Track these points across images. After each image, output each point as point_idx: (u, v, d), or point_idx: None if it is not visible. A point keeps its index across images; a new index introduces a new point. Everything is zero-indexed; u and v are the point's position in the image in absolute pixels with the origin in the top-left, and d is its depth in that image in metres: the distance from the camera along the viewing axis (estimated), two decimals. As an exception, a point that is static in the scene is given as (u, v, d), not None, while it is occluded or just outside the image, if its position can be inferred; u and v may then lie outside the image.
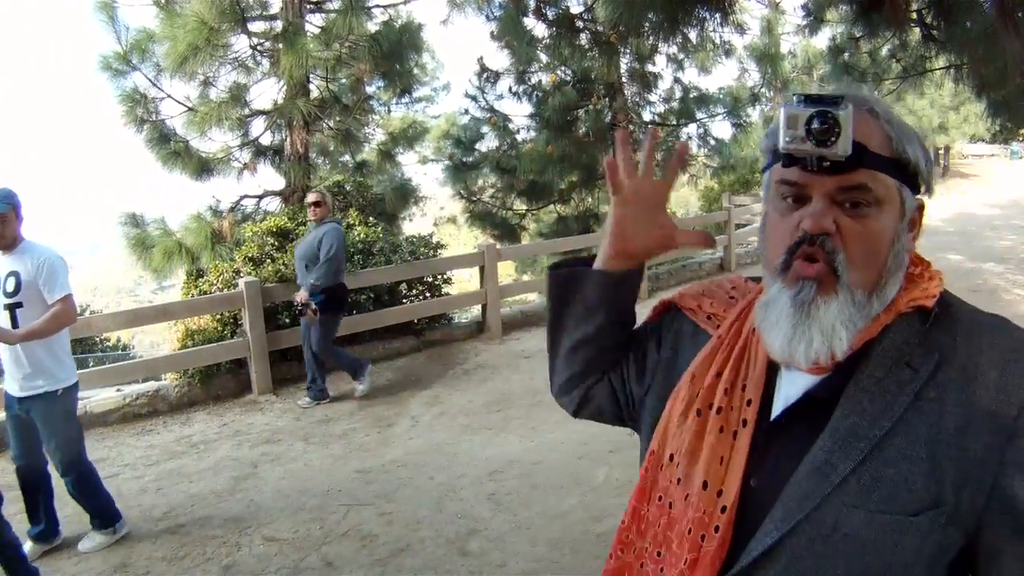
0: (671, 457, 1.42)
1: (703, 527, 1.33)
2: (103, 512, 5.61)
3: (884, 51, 11.56)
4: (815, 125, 1.20)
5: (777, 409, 1.36)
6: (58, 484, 5.50)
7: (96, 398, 8.20)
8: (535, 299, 14.73)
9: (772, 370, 1.39)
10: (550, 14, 11.52)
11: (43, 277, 5.11)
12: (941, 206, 29.53)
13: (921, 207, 1.36)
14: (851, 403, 1.26)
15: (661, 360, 1.61)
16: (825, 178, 1.24)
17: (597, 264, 1.60)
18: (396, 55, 12.68)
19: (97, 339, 25.69)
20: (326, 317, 8.40)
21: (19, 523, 5.20)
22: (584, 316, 1.64)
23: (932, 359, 1.25)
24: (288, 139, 12.13)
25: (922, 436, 1.20)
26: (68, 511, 5.97)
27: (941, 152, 41.98)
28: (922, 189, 1.34)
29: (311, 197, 8.59)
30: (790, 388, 1.35)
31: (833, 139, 1.20)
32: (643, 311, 1.68)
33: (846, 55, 11.88)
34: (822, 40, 15.49)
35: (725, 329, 1.49)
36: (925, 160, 1.31)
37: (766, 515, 1.27)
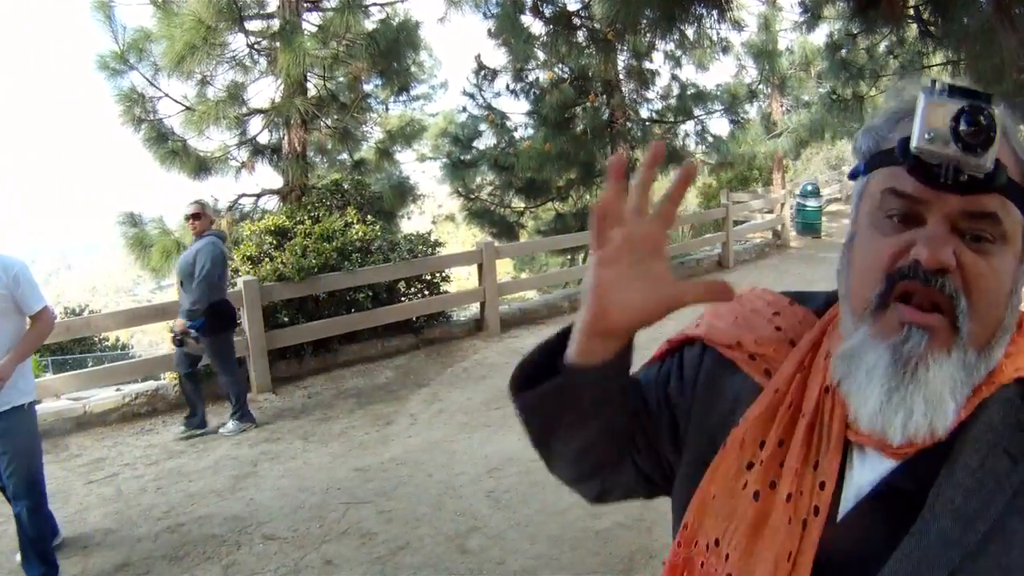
0: (716, 542, 1.14)
1: None
2: (43, 556, 4.99)
3: (881, 47, 11.58)
4: (963, 125, 0.94)
5: (848, 497, 1.08)
6: (55, 484, 5.49)
7: (95, 398, 8.21)
8: (534, 296, 14.73)
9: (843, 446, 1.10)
10: (547, 11, 11.55)
11: (20, 289, 4.72)
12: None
13: None
14: (942, 501, 1.00)
15: (693, 410, 1.28)
16: (951, 197, 0.97)
17: (575, 353, 1.14)
18: (393, 53, 12.70)
19: (96, 339, 25.68)
20: (213, 339, 7.89)
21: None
22: (580, 424, 1.22)
23: None
24: (286, 137, 12.13)
25: (1019, 539, 0.98)
26: (69, 510, 6.00)
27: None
28: None
29: (189, 209, 8.06)
30: (863, 472, 1.08)
31: (983, 146, 0.94)
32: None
33: (843, 51, 11.89)
34: (819, 36, 15.52)
35: (784, 381, 1.17)
36: None
37: None
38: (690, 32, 16.07)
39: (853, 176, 1.12)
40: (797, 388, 1.15)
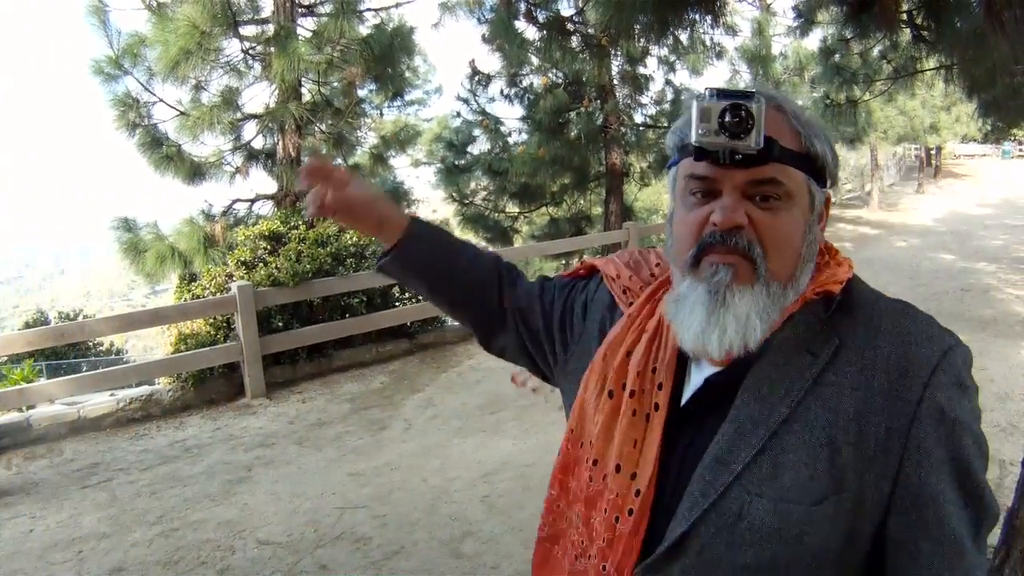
0: (591, 442, 1.42)
1: (617, 508, 1.34)
2: None
3: (875, 52, 11.59)
4: (728, 118, 1.20)
5: (687, 397, 1.36)
6: (50, 490, 5.48)
7: (90, 403, 8.20)
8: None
9: (683, 357, 1.38)
10: (541, 17, 11.54)
11: None
12: (933, 206, 29.64)
13: (828, 199, 1.37)
14: (751, 391, 1.26)
15: (585, 328, 1.62)
16: (735, 172, 1.23)
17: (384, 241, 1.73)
18: (388, 58, 12.68)
19: (90, 344, 25.69)
20: None
21: None
22: (423, 282, 1.77)
23: (832, 344, 1.25)
24: (280, 143, 12.12)
25: (820, 420, 1.20)
26: (64, 515, 6.01)
27: (933, 152, 42.00)
28: (828, 183, 1.34)
29: None
30: (698, 376, 1.36)
31: (746, 132, 1.19)
32: None
33: (837, 56, 11.91)
34: (813, 41, 15.53)
35: (637, 308, 1.49)
36: (832, 155, 1.32)
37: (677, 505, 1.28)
38: (684, 37, 16.13)
39: (668, 167, 1.39)
40: (647, 313, 1.47)
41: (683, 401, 1.35)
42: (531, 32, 13.39)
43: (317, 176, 1.60)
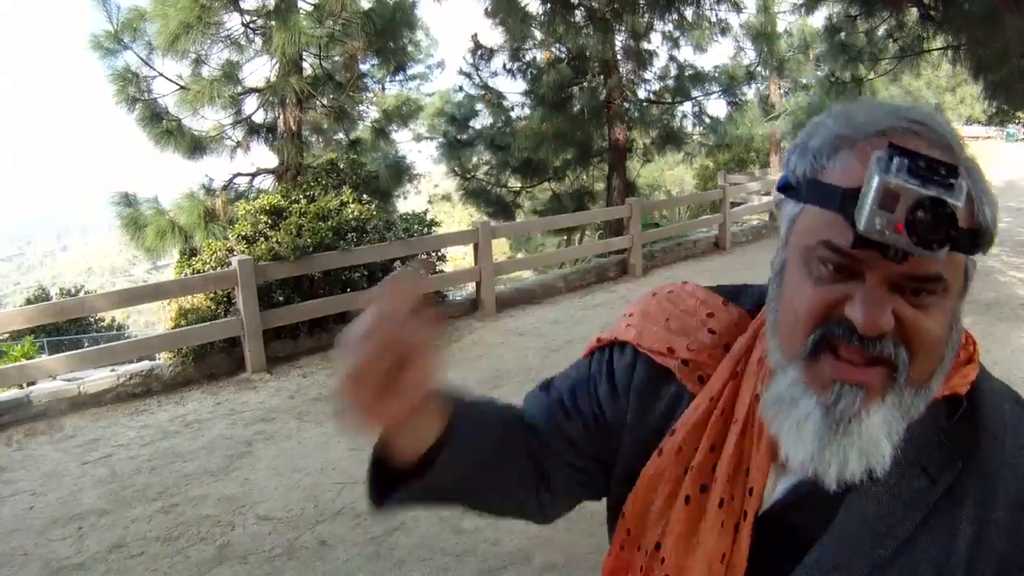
0: (657, 546, 1.17)
1: None
2: None
3: (881, 31, 11.54)
4: (920, 215, 0.85)
5: (771, 498, 1.11)
6: (50, 466, 5.46)
7: (90, 378, 8.17)
8: (529, 276, 14.70)
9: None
10: (544, -10, 11.50)
11: None
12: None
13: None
14: (856, 508, 1.03)
15: (628, 418, 1.25)
16: (892, 263, 0.90)
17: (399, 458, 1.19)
18: (389, 32, 12.63)
19: (91, 319, 25.69)
20: None
21: None
22: (467, 498, 1.30)
23: (953, 468, 1.02)
24: (281, 117, 12.08)
25: (930, 557, 1.00)
26: (64, 491, 5.99)
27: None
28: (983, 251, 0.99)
29: None
30: (787, 476, 1.10)
31: (940, 243, 0.86)
32: (637, 290, 1.29)
33: (842, 34, 11.87)
34: (819, 19, 15.47)
35: (718, 388, 1.17)
36: (994, 220, 0.99)
37: None
38: (688, 13, 16.08)
39: (782, 188, 1.03)
40: (730, 394, 1.15)
41: (764, 503, 1.11)
42: (534, 6, 13.36)
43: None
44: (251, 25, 11.90)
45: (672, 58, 17.79)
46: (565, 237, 21.14)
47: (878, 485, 1.01)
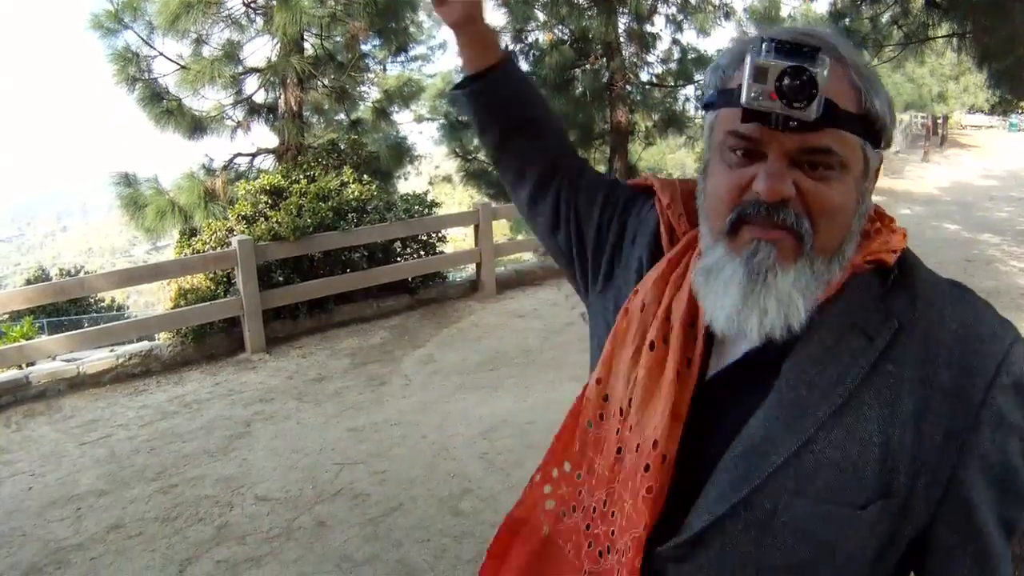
0: (621, 410, 1.28)
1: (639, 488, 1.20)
2: None
3: (886, 17, 11.49)
4: (787, 82, 1.03)
5: (721, 364, 1.22)
6: (49, 447, 5.45)
7: (90, 359, 8.16)
8: (530, 258, 14.67)
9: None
10: (547, -28, 11.47)
11: None
12: (939, 175, 29.53)
13: (880, 161, 1.19)
14: (797, 373, 1.12)
15: (630, 255, 1.46)
16: (786, 136, 1.07)
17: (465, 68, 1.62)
18: (392, 13, 12.59)
19: (91, 300, 25.69)
20: None
21: None
22: (494, 115, 1.64)
23: (890, 326, 1.12)
24: (282, 97, 12.05)
25: (875, 415, 1.08)
26: (62, 472, 5.99)
27: (940, 121, 41.90)
28: (883, 145, 1.17)
29: None
30: (736, 344, 1.21)
31: (807, 100, 1.03)
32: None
33: (847, 20, 11.82)
34: (823, 4, 15.43)
35: (678, 254, 1.33)
36: (891, 114, 1.15)
37: (703, 485, 1.15)
38: (692, -5, 16.02)
39: (705, 107, 1.23)
40: (686, 265, 1.30)
41: (709, 372, 1.23)
42: (537, -13, 13.26)
43: None
44: (252, 5, 11.86)
45: (675, 41, 17.72)
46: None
47: (817, 346, 1.12)
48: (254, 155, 12.67)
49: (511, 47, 17.07)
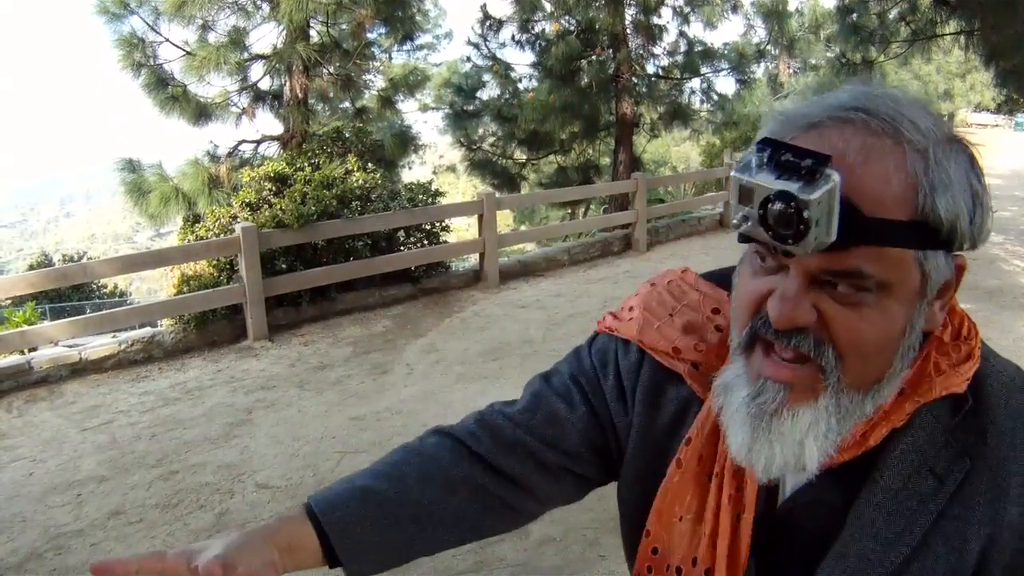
0: (693, 562, 1.13)
1: None
2: None
3: (893, 13, 11.49)
4: (771, 212, 0.85)
5: (784, 494, 1.09)
6: (50, 432, 5.44)
7: (92, 345, 8.15)
8: (533, 249, 14.68)
9: None
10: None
11: None
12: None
13: (962, 268, 0.97)
14: (863, 524, 1.00)
15: (635, 419, 1.22)
16: (809, 257, 0.88)
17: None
18: (398, 1, 12.58)
19: (94, 286, 25.71)
20: None
21: None
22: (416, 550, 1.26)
23: (961, 467, 0.99)
24: (287, 84, 12.05)
25: (942, 563, 0.99)
26: (63, 458, 5.99)
27: (945, 119, 41.89)
28: (966, 245, 0.94)
29: None
30: (791, 479, 1.08)
31: (795, 237, 0.84)
32: (641, 266, 1.31)
33: (854, 15, 11.82)
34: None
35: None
36: (972, 205, 0.91)
37: None
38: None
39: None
40: None
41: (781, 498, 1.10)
42: (545, -23, 13.29)
43: None
44: (258, -9, 11.85)
45: (682, 34, 17.74)
46: (570, 210, 21.13)
47: (883, 493, 1.00)
48: (259, 142, 12.68)
49: (517, 37, 17.07)
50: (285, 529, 1.12)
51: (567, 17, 16.51)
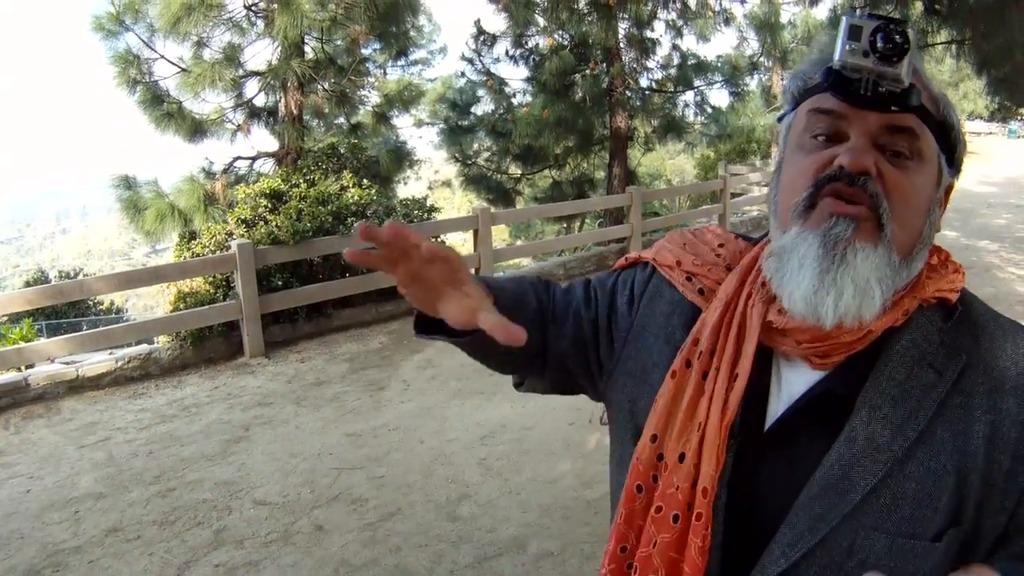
0: (681, 457, 1.20)
1: (677, 506, 1.17)
2: None
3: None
4: (880, 38, 1.05)
5: (778, 407, 1.18)
6: (47, 449, 5.45)
7: (89, 362, 8.17)
8: (529, 264, 14.70)
9: (765, 360, 1.21)
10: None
11: None
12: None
13: (951, 187, 1.22)
14: (871, 408, 1.11)
15: (633, 327, 1.38)
16: (870, 114, 1.08)
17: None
18: (392, 17, 12.64)
19: (90, 303, 25.71)
20: None
21: None
22: (478, 356, 1.47)
23: (958, 362, 1.13)
24: (282, 100, 12.08)
25: (948, 446, 1.09)
26: (61, 475, 5.99)
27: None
28: (955, 168, 1.20)
29: None
30: (793, 384, 1.18)
31: (899, 57, 1.05)
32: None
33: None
34: (823, 10, 15.46)
35: (730, 294, 1.27)
36: (961, 139, 1.18)
37: (769, 533, 1.13)
38: (692, 2, 16.05)
39: (780, 119, 1.25)
40: (737, 301, 1.26)
41: (772, 414, 1.19)
42: (538, -8, 13.34)
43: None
44: (253, 7, 11.90)
45: (675, 47, 17.75)
46: (565, 225, 21.16)
47: (888, 381, 1.12)
48: (254, 159, 12.70)
49: (511, 52, 17.10)
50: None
51: (561, 32, 16.54)
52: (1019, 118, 48.23)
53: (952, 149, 1.17)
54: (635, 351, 1.36)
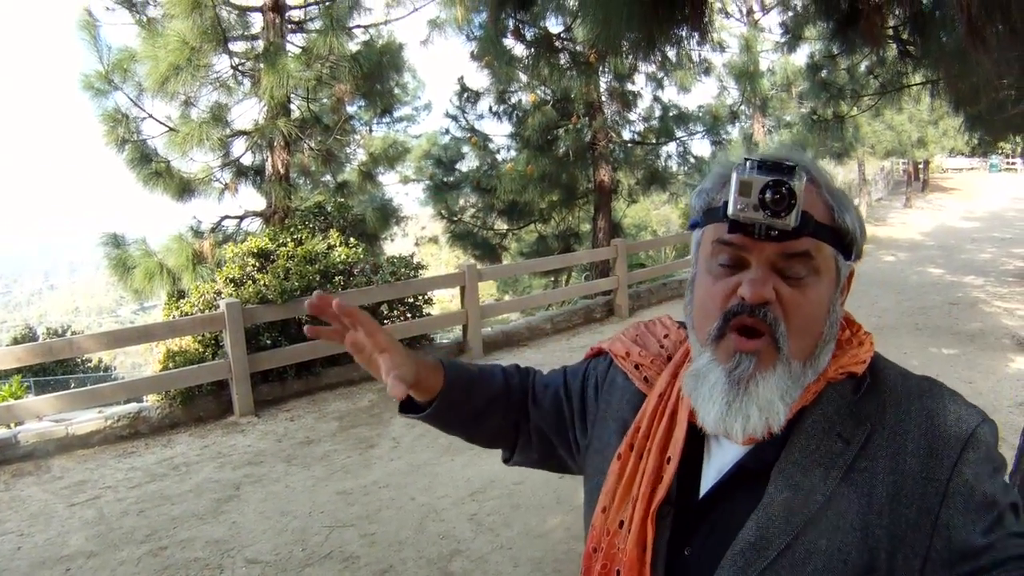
0: (620, 524, 1.40)
1: (620, 563, 1.37)
2: None
3: (862, 67, 11.67)
4: (769, 195, 1.19)
5: (708, 478, 1.35)
6: (37, 507, 5.45)
7: (78, 420, 8.18)
8: (516, 319, 14.75)
9: (698, 439, 1.39)
10: (529, 34, 11.61)
11: None
12: (921, 220, 29.74)
13: (852, 273, 1.36)
14: (784, 477, 1.25)
15: (598, 409, 1.63)
16: (767, 244, 1.23)
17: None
18: (377, 75, 12.71)
19: (79, 360, 25.61)
20: None
21: None
22: (456, 428, 1.79)
23: (864, 430, 1.25)
24: (269, 159, 12.12)
25: (854, 507, 1.21)
26: (51, 533, 5.99)
27: (921, 166, 42.37)
28: (854, 256, 1.33)
29: None
30: (721, 458, 1.35)
31: (786, 211, 1.19)
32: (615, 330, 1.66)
33: (824, 72, 12.00)
34: (800, 57, 15.60)
35: (663, 386, 1.48)
36: (860, 228, 1.32)
37: None
38: (671, 54, 16.22)
39: (692, 227, 1.40)
40: (670, 390, 1.47)
41: (704, 484, 1.36)
42: (519, 49, 13.48)
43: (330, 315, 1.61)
44: (240, 67, 11.98)
45: (656, 99, 17.95)
46: (552, 278, 21.20)
47: (799, 453, 1.26)
48: (242, 217, 12.73)
49: (494, 108, 17.22)
50: (426, 362, 1.61)
51: (543, 87, 16.69)
52: (999, 152, 48.74)
53: (849, 246, 1.31)
54: (599, 432, 1.59)
